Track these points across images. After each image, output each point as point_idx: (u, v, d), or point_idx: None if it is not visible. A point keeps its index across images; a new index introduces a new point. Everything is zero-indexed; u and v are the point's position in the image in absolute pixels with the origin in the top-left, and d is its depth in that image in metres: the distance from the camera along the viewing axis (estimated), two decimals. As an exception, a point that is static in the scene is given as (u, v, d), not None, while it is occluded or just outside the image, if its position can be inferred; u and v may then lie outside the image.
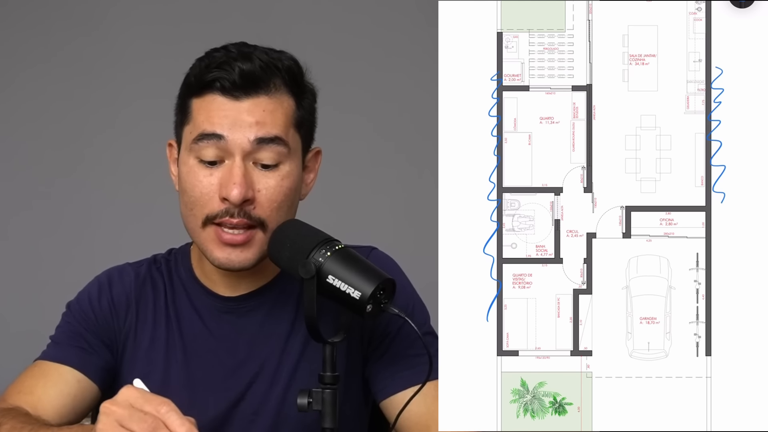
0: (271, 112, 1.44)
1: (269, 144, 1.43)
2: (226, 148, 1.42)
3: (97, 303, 1.54)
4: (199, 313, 1.53)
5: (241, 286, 1.53)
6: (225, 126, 1.42)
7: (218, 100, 1.44)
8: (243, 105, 1.43)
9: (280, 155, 1.45)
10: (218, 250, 1.44)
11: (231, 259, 1.44)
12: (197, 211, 1.45)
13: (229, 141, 1.42)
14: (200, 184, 1.44)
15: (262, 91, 1.44)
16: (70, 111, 3.04)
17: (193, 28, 2.94)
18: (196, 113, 1.45)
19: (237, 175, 1.42)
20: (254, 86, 1.44)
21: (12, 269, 3.02)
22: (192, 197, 1.45)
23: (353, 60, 3.04)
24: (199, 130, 1.44)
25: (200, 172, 1.44)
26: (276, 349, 1.51)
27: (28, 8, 3.05)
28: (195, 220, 1.45)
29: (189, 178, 1.45)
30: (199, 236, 1.46)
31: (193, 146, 1.44)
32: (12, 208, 3.03)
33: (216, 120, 1.43)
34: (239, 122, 1.43)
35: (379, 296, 1.31)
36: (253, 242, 1.44)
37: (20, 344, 1.44)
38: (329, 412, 1.31)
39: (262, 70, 1.45)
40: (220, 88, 1.43)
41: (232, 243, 1.43)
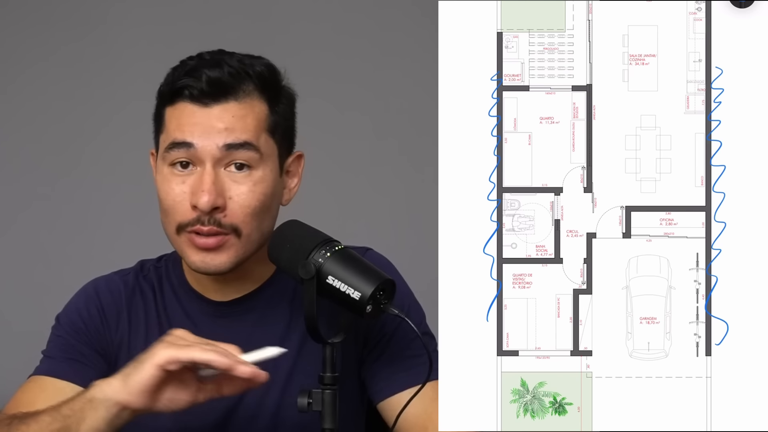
0: (241, 117, 1.45)
1: (239, 149, 1.44)
2: (196, 155, 1.44)
3: (87, 313, 1.54)
4: (191, 318, 1.53)
5: (232, 290, 1.53)
6: (195, 134, 1.44)
7: (188, 108, 1.45)
8: (213, 111, 1.44)
9: (251, 160, 1.45)
10: (194, 254, 1.45)
11: (206, 262, 1.45)
12: (170, 219, 1.47)
13: (198, 149, 1.43)
14: (172, 192, 1.45)
15: (231, 97, 1.45)
16: (70, 112, 3.04)
17: (193, 29, 2.94)
18: (168, 122, 1.47)
19: (206, 182, 1.43)
20: (223, 92, 1.44)
21: (13, 269, 3.02)
22: (165, 205, 1.47)
23: (353, 60, 3.04)
24: (171, 138, 1.45)
25: (173, 180, 1.46)
26: None
27: (28, 9, 3.05)
28: (170, 227, 1.47)
29: (163, 186, 1.47)
30: (175, 242, 1.48)
31: (166, 155, 1.46)
32: (12, 208, 3.03)
33: (186, 128, 1.44)
34: (208, 129, 1.44)
35: (379, 297, 1.31)
36: (227, 247, 1.45)
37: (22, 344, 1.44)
38: (329, 413, 1.31)
39: (231, 76, 1.45)
40: (189, 96, 1.44)
41: (205, 247, 1.44)
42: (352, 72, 3.04)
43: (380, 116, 3.05)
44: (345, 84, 3.00)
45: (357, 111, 3.03)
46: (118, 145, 3.02)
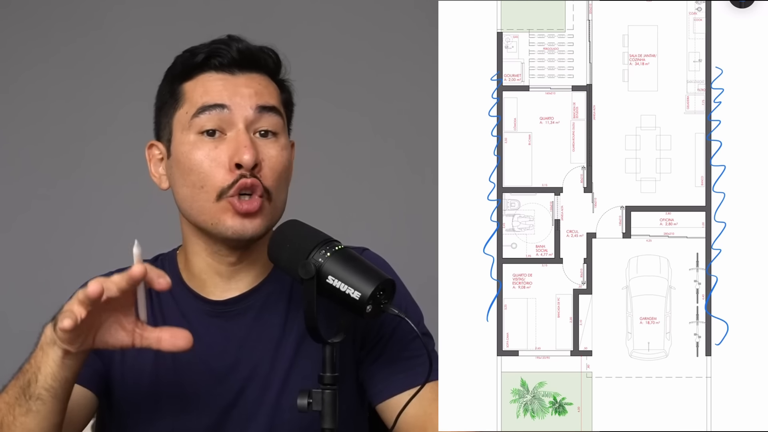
0: (265, 86, 1.50)
1: (269, 113, 1.48)
2: (230, 118, 1.46)
3: None
4: (186, 318, 1.52)
5: (232, 287, 1.53)
6: (225, 97, 1.46)
7: (213, 76, 1.48)
8: (239, 80, 1.48)
9: (277, 126, 1.49)
10: (231, 219, 1.45)
11: (245, 225, 1.45)
12: (209, 186, 1.45)
13: (232, 110, 1.46)
14: (208, 157, 1.45)
15: (255, 70, 1.50)
16: (70, 113, 3.04)
17: (193, 29, 2.92)
18: (190, 93, 1.48)
19: (245, 140, 1.44)
20: (249, 64, 1.49)
21: (13, 269, 3.02)
22: (201, 172, 1.45)
23: (353, 60, 3.04)
24: (199, 104, 1.46)
25: (205, 146, 1.46)
26: (267, 353, 1.50)
27: (28, 9, 3.05)
28: (207, 196, 1.45)
29: (194, 155, 1.46)
30: (210, 212, 1.46)
31: (193, 121, 1.46)
32: (12, 208, 3.03)
33: (215, 93, 1.46)
34: (239, 93, 1.46)
35: (379, 297, 1.31)
36: (264, 211, 1.46)
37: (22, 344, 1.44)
38: (329, 413, 1.31)
39: (259, 51, 1.50)
40: (215, 66, 1.48)
41: (248, 212, 1.44)
42: (352, 72, 3.04)
43: (380, 116, 3.05)
44: (345, 84, 2.99)
45: (357, 111, 3.03)
46: (117, 146, 3.01)
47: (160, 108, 1.53)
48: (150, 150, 1.55)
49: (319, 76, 2.93)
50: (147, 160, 1.55)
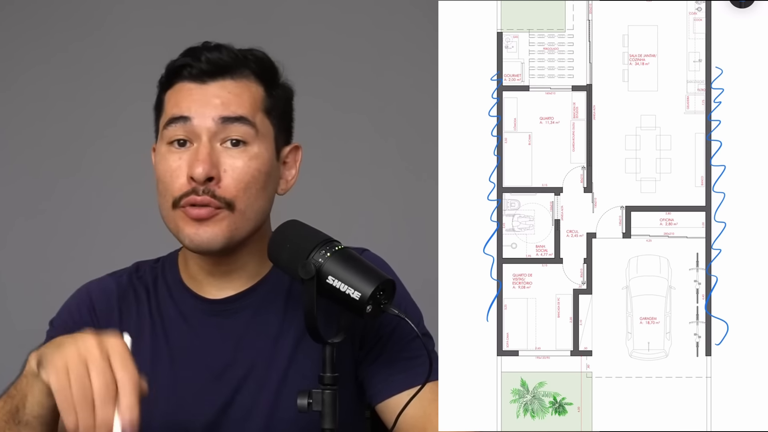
0: (236, 94, 1.49)
1: (234, 123, 1.47)
2: (193, 129, 1.46)
3: (78, 314, 1.54)
4: (184, 317, 1.53)
5: (227, 287, 1.53)
6: (192, 109, 1.47)
7: (186, 86, 1.49)
8: (209, 88, 1.48)
9: (247, 135, 1.47)
10: (187, 226, 1.46)
11: (199, 234, 1.45)
12: (168, 194, 1.47)
13: (194, 122, 1.46)
14: (170, 167, 1.47)
15: (228, 76, 1.49)
16: (70, 113, 3.04)
17: (193, 30, 2.92)
18: (166, 103, 1.51)
19: (201, 153, 1.45)
20: (220, 71, 1.49)
21: (16, 269, 3.02)
22: (164, 181, 1.48)
23: (353, 60, 3.04)
24: (168, 115, 1.48)
25: (170, 156, 1.48)
26: (264, 352, 1.51)
27: (29, 10, 3.05)
28: (166, 203, 1.48)
29: (161, 164, 1.49)
30: (171, 220, 1.48)
31: (164, 132, 1.49)
32: (14, 208, 3.03)
33: (183, 104, 1.47)
34: (204, 103, 1.47)
35: (379, 297, 1.31)
36: (219, 219, 1.45)
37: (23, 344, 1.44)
38: (329, 413, 1.31)
39: (230, 58, 1.50)
40: (188, 76, 1.48)
41: (198, 218, 1.45)
42: (352, 72, 3.04)
43: (380, 116, 3.05)
44: (344, 84, 3.00)
45: (356, 111, 3.03)
46: (118, 147, 3.02)
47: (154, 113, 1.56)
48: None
49: (319, 76, 2.93)
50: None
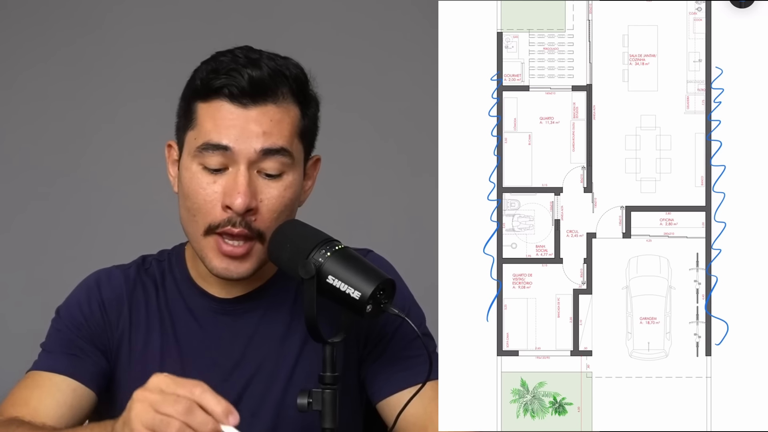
0: (278, 122, 1.43)
1: (275, 155, 1.43)
2: (232, 157, 1.42)
3: (87, 308, 1.52)
4: (193, 314, 1.52)
5: (237, 287, 1.53)
6: (232, 137, 1.41)
7: (225, 107, 1.42)
8: (251, 114, 1.42)
9: (284, 165, 1.44)
10: (217, 259, 1.44)
11: (230, 269, 1.44)
12: (199, 219, 1.44)
13: (235, 151, 1.41)
14: (203, 191, 1.43)
15: (270, 100, 1.43)
16: (69, 111, 3.04)
17: (193, 28, 2.94)
18: (202, 119, 1.44)
19: (242, 184, 1.41)
20: (262, 94, 1.43)
21: (12, 269, 3.02)
22: (195, 204, 1.44)
23: (353, 60, 3.04)
24: (205, 138, 1.43)
25: (204, 179, 1.43)
26: (272, 351, 1.51)
27: (28, 8, 3.05)
28: (196, 227, 1.45)
29: (192, 185, 1.44)
30: (199, 243, 1.46)
31: (198, 153, 1.43)
32: (11, 207, 3.03)
33: (223, 130, 1.42)
34: (246, 132, 1.42)
35: (379, 296, 1.31)
36: (252, 254, 1.44)
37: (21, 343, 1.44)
38: (329, 413, 1.31)
39: (271, 78, 1.43)
40: (228, 95, 1.42)
41: (232, 255, 1.43)
42: (352, 72, 3.04)
43: (380, 117, 3.05)
44: (345, 84, 2.99)
45: (357, 112, 3.03)
46: (117, 145, 3.02)
47: (180, 115, 1.50)
48: (168, 150, 1.52)
49: (319, 76, 2.93)
50: (166, 158, 1.53)
